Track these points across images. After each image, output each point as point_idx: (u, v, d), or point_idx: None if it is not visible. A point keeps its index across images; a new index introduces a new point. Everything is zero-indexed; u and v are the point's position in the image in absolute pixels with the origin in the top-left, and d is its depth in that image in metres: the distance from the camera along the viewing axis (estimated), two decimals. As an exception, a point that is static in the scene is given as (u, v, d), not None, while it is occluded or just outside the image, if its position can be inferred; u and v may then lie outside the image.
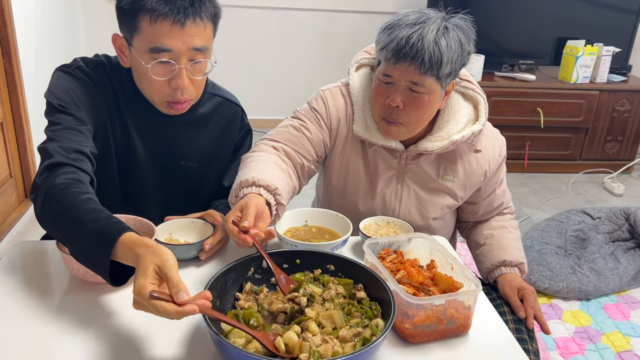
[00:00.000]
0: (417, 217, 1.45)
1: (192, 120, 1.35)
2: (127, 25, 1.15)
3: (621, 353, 2.06)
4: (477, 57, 3.54)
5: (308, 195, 3.35)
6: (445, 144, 1.35)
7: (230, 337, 0.92)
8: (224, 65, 4.03)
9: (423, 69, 1.21)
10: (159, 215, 1.28)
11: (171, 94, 1.20)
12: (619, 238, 2.70)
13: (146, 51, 1.14)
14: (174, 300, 0.83)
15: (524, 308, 1.32)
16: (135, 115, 1.30)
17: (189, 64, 1.17)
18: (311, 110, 1.42)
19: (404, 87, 1.26)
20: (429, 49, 1.19)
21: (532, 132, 3.70)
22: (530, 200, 3.41)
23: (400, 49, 1.20)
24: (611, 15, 3.75)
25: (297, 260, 1.11)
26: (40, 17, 2.95)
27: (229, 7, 3.92)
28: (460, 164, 1.41)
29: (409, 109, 1.28)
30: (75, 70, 1.24)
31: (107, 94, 1.26)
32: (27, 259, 1.20)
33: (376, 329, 0.95)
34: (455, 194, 1.44)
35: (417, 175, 1.42)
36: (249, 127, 1.47)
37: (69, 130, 1.15)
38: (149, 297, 0.82)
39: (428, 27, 1.20)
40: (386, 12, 4.00)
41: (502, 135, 1.49)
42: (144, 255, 0.88)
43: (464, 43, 1.24)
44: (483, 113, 1.39)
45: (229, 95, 1.44)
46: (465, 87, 1.40)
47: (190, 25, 1.13)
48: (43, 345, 0.96)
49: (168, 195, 1.41)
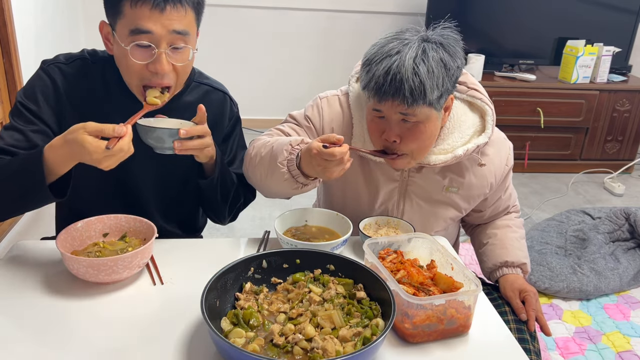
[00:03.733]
0: (420, 230, 1.38)
1: (178, 108, 1.33)
2: (111, 10, 1.17)
3: (621, 353, 2.06)
4: (477, 57, 3.54)
5: (308, 195, 3.35)
6: (449, 158, 1.30)
7: (230, 337, 0.92)
8: (224, 65, 4.06)
9: (408, 102, 1.15)
10: (157, 207, 1.27)
11: (149, 77, 1.19)
12: (619, 238, 2.70)
13: (127, 34, 1.15)
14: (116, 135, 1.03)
15: (526, 310, 1.31)
16: (119, 106, 1.28)
17: (169, 49, 1.17)
18: (304, 117, 1.40)
19: (397, 119, 1.21)
20: (407, 81, 1.13)
21: (532, 132, 3.70)
22: (530, 200, 3.41)
23: (380, 88, 1.15)
24: (611, 15, 3.75)
25: (297, 260, 1.11)
26: (40, 16, 2.95)
27: (229, 7, 3.94)
28: (466, 175, 1.37)
29: (407, 140, 1.22)
30: (51, 66, 1.27)
31: (83, 88, 1.28)
32: (27, 259, 1.20)
33: (376, 328, 0.95)
34: (459, 206, 1.41)
35: (420, 188, 1.38)
36: (238, 116, 1.46)
37: (11, 131, 1.23)
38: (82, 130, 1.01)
39: (405, 56, 1.14)
40: (386, 12, 3.99)
41: (509, 141, 1.44)
42: (68, 133, 1.04)
43: (447, 62, 1.16)
44: (490, 125, 1.32)
45: (216, 84, 1.42)
46: (472, 96, 1.34)
47: (170, 9, 1.14)
48: (43, 345, 0.95)
49: (164, 187, 1.40)
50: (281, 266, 1.11)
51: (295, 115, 1.43)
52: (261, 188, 1.33)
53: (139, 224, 1.22)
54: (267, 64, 4.17)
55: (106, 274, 1.08)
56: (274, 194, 1.32)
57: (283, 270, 1.11)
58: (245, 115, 1.59)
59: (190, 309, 1.05)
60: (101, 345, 0.96)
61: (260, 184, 1.32)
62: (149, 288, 1.13)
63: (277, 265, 1.10)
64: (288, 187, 1.22)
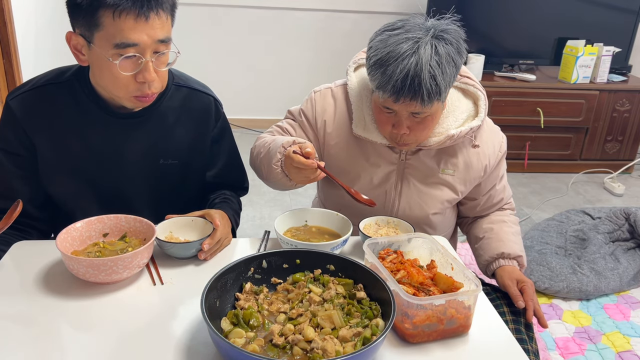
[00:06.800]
0: (417, 211, 1.45)
1: (160, 115, 1.32)
2: (84, 22, 1.12)
3: (621, 353, 2.06)
4: (477, 57, 3.55)
5: (308, 195, 3.35)
6: (442, 139, 1.35)
7: (230, 337, 0.92)
8: (222, 65, 4.06)
9: (424, 103, 1.20)
10: (152, 215, 1.28)
11: (139, 88, 1.18)
12: (619, 238, 2.70)
13: (110, 47, 1.12)
14: None
15: (524, 300, 1.31)
16: (93, 117, 1.28)
17: (154, 56, 1.16)
18: (300, 112, 1.48)
19: (407, 114, 1.27)
20: (425, 85, 1.17)
21: (532, 132, 3.70)
22: (530, 200, 3.41)
23: (398, 91, 1.19)
24: (611, 15, 3.75)
25: (297, 260, 1.11)
26: (40, 17, 2.95)
27: (227, 7, 3.95)
28: (461, 157, 1.42)
29: (416, 131, 1.29)
30: (13, 100, 1.27)
31: (50, 111, 1.28)
32: (27, 259, 1.20)
33: (376, 328, 0.95)
34: (455, 187, 1.44)
35: (417, 170, 1.42)
36: (225, 117, 1.45)
37: None
38: None
39: (421, 59, 1.17)
40: (385, 12, 3.99)
41: (502, 133, 1.50)
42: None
43: (455, 58, 1.22)
44: (482, 109, 1.39)
45: (197, 85, 1.40)
46: (465, 83, 1.41)
47: (154, 17, 1.11)
48: (43, 345, 0.95)
49: (156, 195, 1.40)
50: (281, 266, 1.11)
51: (292, 111, 1.51)
52: (267, 183, 1.43)
53: (139, 224, 1.22)
54: (265, 64, 4.17)
55: (106, 274, 1.08)
56: (279, 189, 1.41)
57: (283, 270, 1.11)
58: (242, 116, 1.60)
59: (190, 309, 1.05)
60: (101, 346, 0.96)
61: (264, 180, 1.43)
62: (149, 288, 1.13)
63: (277, 266, 1.10)
64: (286, 184, 1.32)
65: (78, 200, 1.35)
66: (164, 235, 1.24)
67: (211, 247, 1.20)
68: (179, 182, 1.41)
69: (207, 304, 0.93)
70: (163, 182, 1.39)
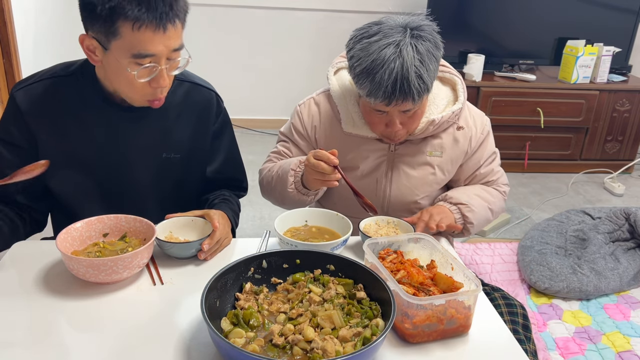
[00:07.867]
0: (407, 195, 1.49)
1: (163, 109, 1.32)
2: (102, 29, 1.13)
3: (621, 353, 2.06)
4: (477, 57, 3.54)
5: (308, 195, 3.36)
6: (424, 125, 1.41)
7: (230, 337, 0.92)
8: (222, 65, 4.06)
9: (415, 101, 1.27)
10: (158, 209, 1.28)
11: (153, 92, 1.21)
12: (619, 238, 2.69)
13: (128, 56, 1.13)
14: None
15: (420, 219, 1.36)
16: (98, 111, 1.29)
17: (168, 63, 1.18)
18: (290, 128, 1.54)
19: (398, 112, 1.33)
20: (414, 85, 1.24)
21: (532, 132, 3.69)
22: (530, 200, 3.41)
23: (390, 95, 1.25)
24: (611, 15, 3.75)
25: (297, 260, 1.11)
26: (40, 17, 2.95)
27: (227, 7, 3.95)
28: (447, 139, 1.47)
29: (407, 125, 1.37)
30: (19, 92, 1.27)
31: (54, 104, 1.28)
32: (27, 259, 1.20)
33: (376, 328, 0.95)
34: (442, 167, 1.49)
35: (406, 157, 1.47)
36: (226, 112, 1.46)
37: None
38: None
39: (405, 61, 1.22)
40: (385, 12, 3.97)
41: (486, 117, 1.54)
42: None
43: (436, 54, 1.28)
44: (461, 92, 1.45)
45: (198, 80, 1.42)
46: (441, 71, 1.46)
47: (170, 28, 1.13)
48: (43, 345, 0.96)
49: (161, 189, 1.41)
50: (281, 266, 1.11)
51: (283, 131, 1.58)
52: (282, 207, 1.53)
53: (139, 224, 1.22)
54: (265, 64, 4.17)
55: (106, 274, 1.08)
56: (292, 207, 1.43)
57: (283, 270, 1.11)
58: (242, 116, 1.60)
59: (190, 309, 1.05)
60: (101, 346, 0.96)
61: (280, 205, 1.54)
62: (149, 288, 1.13)
63: (277, 266, 1.11)
64: (301, 202, 1.43)
65: (79, 193, 1.35)
66: (164, 235, 1.24)
67: (211, 247, 1.21)
68: (183, 177, 1.41)
69: (207, 304, 0.93)
70: (166, 175, 1.39)
